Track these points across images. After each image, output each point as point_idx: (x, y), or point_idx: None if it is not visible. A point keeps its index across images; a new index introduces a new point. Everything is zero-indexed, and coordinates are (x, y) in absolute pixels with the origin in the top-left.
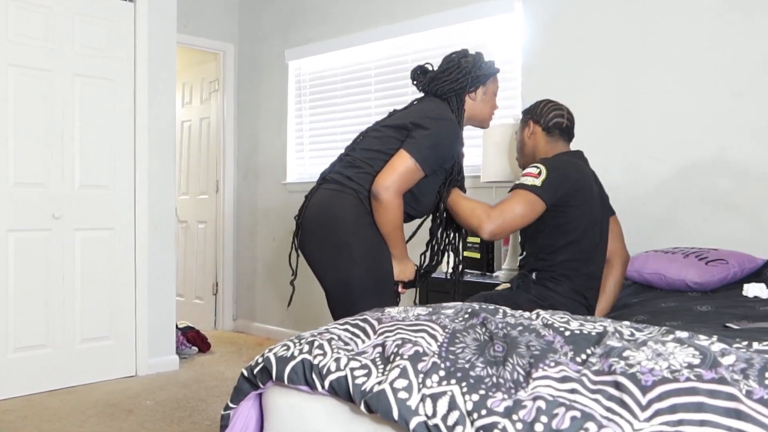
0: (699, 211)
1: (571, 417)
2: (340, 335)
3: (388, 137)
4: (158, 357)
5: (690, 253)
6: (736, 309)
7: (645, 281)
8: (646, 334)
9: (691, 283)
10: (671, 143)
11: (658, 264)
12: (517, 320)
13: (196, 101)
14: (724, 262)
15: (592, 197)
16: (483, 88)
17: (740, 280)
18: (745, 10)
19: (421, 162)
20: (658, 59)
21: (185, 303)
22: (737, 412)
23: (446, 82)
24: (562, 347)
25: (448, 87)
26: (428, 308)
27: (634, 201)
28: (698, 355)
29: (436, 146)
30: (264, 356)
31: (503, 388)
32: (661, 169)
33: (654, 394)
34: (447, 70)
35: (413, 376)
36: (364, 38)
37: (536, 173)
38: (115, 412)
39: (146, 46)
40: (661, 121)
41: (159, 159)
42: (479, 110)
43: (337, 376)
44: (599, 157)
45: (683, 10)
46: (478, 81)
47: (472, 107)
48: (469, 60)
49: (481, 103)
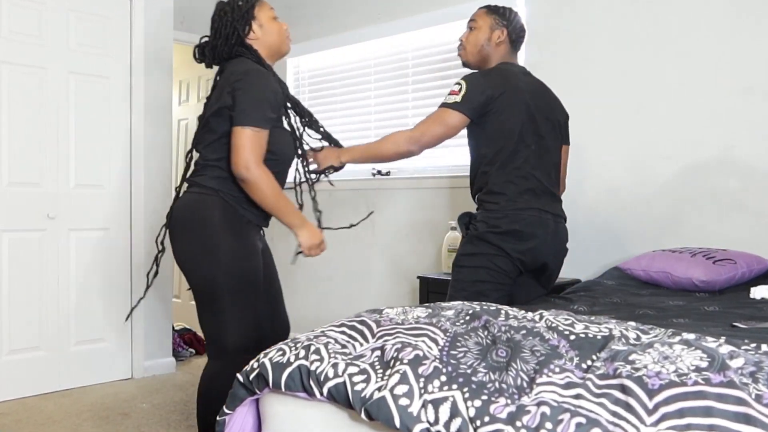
0: (706, 212)
1: (576, 423)
2: (337, 338)
3: (218, 124)
4: (154, 359)
5: (697, 253)
6: (743, 310)
7: (651, 280)
8: (652, 336)
9: (697, 282)
10: (678, 141)
11: (665, 263)
12: (521, 323)
13: (194, 99)
14: (732, 262)
15: (518, 104)
16: (254, 22)
17: (748, 281)
18: (755, 7)
19: (256, 123)
20: (665, 55)
21: (182, 305)
22: (746, 417)
23: (222, 43)
24: (567, 352)
25: (227, 46)
26: (427, 309)
27: (640, 200)
28: (706, 357)
29: (258, 100)
30: (259, 362)
31: (506, 393)
32: (668, 168)
33: (661, 397)
34: (216, 31)
35: (414, 381)
36: (363, 35)
37: (458, 90)
38: (110, 416)
39: (142, 44)
40: (668, 119)
41: (155, 158)
42: (268, 42)
43: (336, 382)
44: (604, 155)
45: (689, 6)
46: (244, 20)
47: (260, 44)
48: (226, 9)
49: (264, 35)
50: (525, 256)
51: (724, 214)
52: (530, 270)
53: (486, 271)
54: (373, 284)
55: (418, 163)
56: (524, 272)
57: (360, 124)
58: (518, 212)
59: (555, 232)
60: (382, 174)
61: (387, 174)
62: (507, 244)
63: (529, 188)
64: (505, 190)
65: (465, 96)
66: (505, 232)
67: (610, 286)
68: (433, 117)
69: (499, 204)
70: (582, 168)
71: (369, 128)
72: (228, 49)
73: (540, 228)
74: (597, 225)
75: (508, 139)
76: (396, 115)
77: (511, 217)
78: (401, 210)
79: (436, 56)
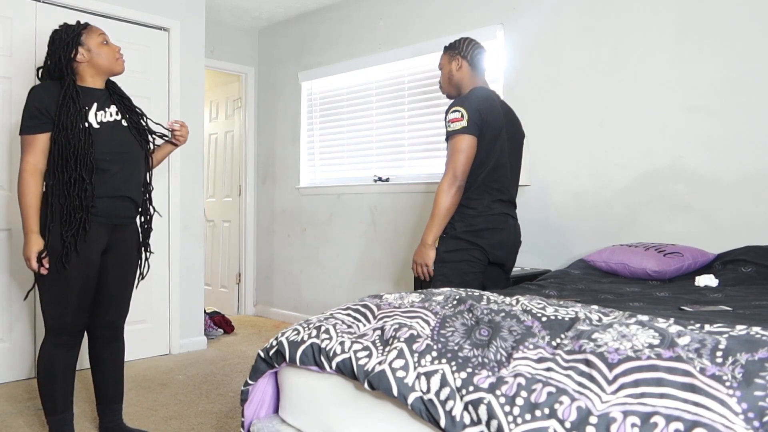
0: (658, 212)
1: (547, 392)
2: (344, 320)
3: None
4: (189, 338)
5: (650, 247)
6: (689, 295)
7: (611, 270)
8: (611, 318)
9: (650, 272)
10: (633, 152)
11: (623, 255)
12: (500, 306)
13: (222, 117)
14: (679, 255)
15: (498, 125)
16: (82, 47)
17: (694, 271)
18: (698, 38)
19: (21, 129)
20: (623, 79)
21: (212, 291)
22: (692, 386)
23: (53, 65)
24: (540, 332)
25: (57, 67)
26: (421, 295)
27: (601, 203)
28: (658, 336)
29: (24, 110)
30: (278, 340)
31: (488, 367)
32: (625, 175)
33: (619, 370)
34: (48, 55)
35: (409, 356)
36: (367, 62)
37: (460, 117)
38: (151, 386)
39: (178, 69)
40: (625, 134)
41: (189, 166)
42: (96, 63)
43: (343, 357)
44: (571, 165)
45: (645, 38)
46: (69, 47)
47: (89, 66)
48: (54, 37)
49: (92, 58)
50: (495, 248)
51: (673, 214)
52: (498, 259)
53: (467, 264)
54: (374, 274)
55: (412, 171)
56: (491, 262)
57: (364, 138)
58: (491, 216)
59: (513, 229)
60: (382, 180)
61: (387, 180)
62: (481, 239)
63: (500, 198)
64: (483, 198)
65: (468, 119)
66: (480, 230)
67: (576, 275)
68: (452, 151)
69: (476, 209)
70: (552, 175)
71: (371, 141)
72: (59, 69)
73: (504, 226)
74: (565, 224)
75: (489, 157)
76: (394, 130)
77: (485, 218)
78: (399, 210)
79: (428, 80)
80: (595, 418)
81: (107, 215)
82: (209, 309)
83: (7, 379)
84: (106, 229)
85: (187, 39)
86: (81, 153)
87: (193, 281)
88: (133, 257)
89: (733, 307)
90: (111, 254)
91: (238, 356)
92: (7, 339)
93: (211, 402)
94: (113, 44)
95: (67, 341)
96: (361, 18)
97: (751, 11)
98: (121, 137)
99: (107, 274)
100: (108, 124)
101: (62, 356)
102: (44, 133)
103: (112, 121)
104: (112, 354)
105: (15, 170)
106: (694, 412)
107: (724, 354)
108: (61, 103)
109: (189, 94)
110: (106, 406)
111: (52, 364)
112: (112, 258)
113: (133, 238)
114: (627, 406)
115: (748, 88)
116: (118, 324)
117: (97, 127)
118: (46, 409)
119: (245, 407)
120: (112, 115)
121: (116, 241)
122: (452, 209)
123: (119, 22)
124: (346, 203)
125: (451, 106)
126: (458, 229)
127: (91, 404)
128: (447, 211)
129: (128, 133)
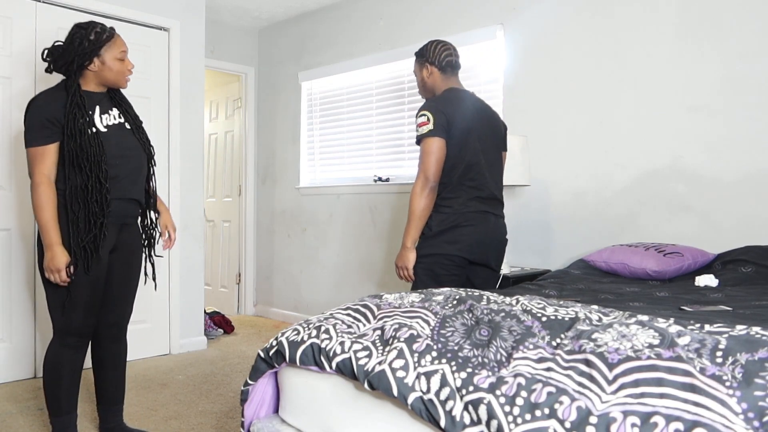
0: (658, 212)
1: (547, 392)
2: (343, 319)
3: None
4: (189, 338)
5: (650, 247)
6: (689, 295)
7: (611, 270)
8: (611, 318)
9: (650, 272)
10: (634, 153)
11: (623, 255)
12: (500, 306)
13: (222, 116)
14: (679, 255)
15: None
16: (98, 59)
17: (693, 271)
18: (698, 37)
19: (29, 142)
20: (623, 79)
21: (212, 291)
22: (692, 386)
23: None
24: (540, 332)
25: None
26: (420, 295)
27: (602, 203)
28: (658, 336)
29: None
30: (277, 340)
31: (488, 366)
32: (625, 175)
33: (619, 370)
34: (64, 50)
35: (409, 356)
36: (367, 62)
37: (426, 120)
38: (151, 386)
39: (178, 69)
40: (625, 134)
41: (189, 166)
42: (104, 76)
43: (343, 357)
44: (572, 165)
45: (645, 38)
46: (87, 56)
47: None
48: (75, 38)
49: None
50: (473, 247)
51: (673, 214)
52: (478, 258)
53: (439, 265)
54: (374, 274)
55: (412, 171)
56: (473, 261)
57: (364, 138)
58: (466, 213)
59: (495, 226)
60: (382, 180)
61: (387, 180)
62: (455, 237)
63: (477, 196)
64: (459, 197)
65: (435, 122)
66: (454, 227)
67: (576, 275)
68: (422, 154)
69: (452, 208)
70: (552, 175)
71: (371, 141)
72: (65, 69)
73: (482, 223)
74: (565, 224)
75: (461, 157)
76: (394, 130)
77: (460, 216)
78: (399, 210)
79: None
80: (595, 418)
81: (116, 216)
82: (209, 309)
83: (8, 379)
84: (114, 228)
85: (187, 39)
86: (94, 159)
87: (193, 281)
88: (138, 258)
89: (733, 307)
90: (117, 254)
91: (238, 356)
92: (8, 339)
93: (211, 402)
94: (128, 61)
95: (75, 342)
96: (361, 18)
97: (751, 11)
98: (127, 140)
99: (113, 274)
100: (114, 127)
101: (69, 357)
102: (55, 143)
103: (117, 123)
104: (114, 354)
105: (15, 170)
106: (694, 412)
107: (724, 354)
108: (68, 110)
109: (189, 94)
110: (107, 406)
111: (58, 365)
112: (118, 258)
113: (137, 239)
114: (627, 406)
115: (748, 88)
116: (122, 324)
117: (105, 131)
118: (50, 410)
119: (245, 407)
120: (116, 117)
121: (123, 241)
122: (427, 211)
123: (119, 22)
124: (346, 203)
125: (419, 111)
126: (433, 229)
127: (92, 404)
128: (422, 213)
129: (132, 135)
